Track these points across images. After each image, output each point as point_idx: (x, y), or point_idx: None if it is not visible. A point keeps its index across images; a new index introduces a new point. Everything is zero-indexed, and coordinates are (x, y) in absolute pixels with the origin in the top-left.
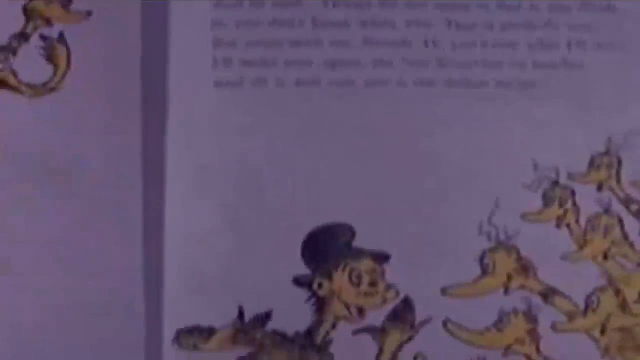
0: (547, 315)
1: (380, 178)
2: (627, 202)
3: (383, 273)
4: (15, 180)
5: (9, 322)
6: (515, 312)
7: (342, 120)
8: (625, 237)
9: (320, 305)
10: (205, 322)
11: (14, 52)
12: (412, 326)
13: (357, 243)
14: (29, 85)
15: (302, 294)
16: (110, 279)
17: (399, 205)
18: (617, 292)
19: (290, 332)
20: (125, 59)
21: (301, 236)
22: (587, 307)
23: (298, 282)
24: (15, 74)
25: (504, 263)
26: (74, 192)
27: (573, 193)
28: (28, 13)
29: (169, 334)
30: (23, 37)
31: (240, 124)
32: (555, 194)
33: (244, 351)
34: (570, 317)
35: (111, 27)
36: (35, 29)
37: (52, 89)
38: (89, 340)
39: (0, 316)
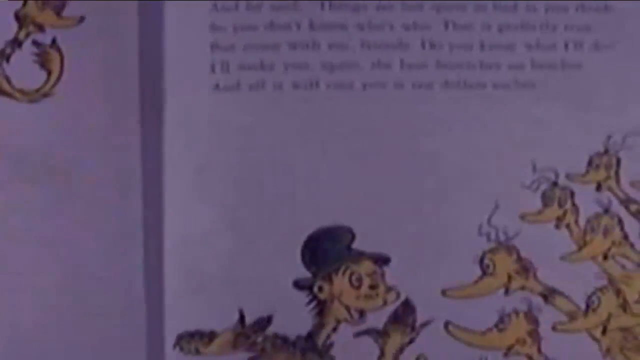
0: (547, 316)
1: (380, 179)
2: (626, 202)
3: (383, 275)
4: (15, 180)
5: (9, 322)
6: (516, 312)
7: (341, 122)
8: (625, 237)
9: (321, 308)
10: (206, 326)
11: (7, 58)
12: (413, 328)
13: (357, 245)
14: (22, 91)
15: (303, 297)
16: (111, 280)
17: (398, 206)
18: (618, 292)
19: (291, 335)
20: (122, 62)
21: (301, 239)
22: (587, 307)
23: (298, 285)
24: (8, 80)
25: (504, 264)
26: (73, 193)
27: (572, 193)
28: (20, 19)
29: (169, 338)
30: (16, 43)
31: (238, 126)
32: (554, 194)
33: (245, 355)
34: (571, 317)
35: (108, 31)
36: (28, 35)
37: (45, 95)
38: (90, 342)
39: (0, 316)
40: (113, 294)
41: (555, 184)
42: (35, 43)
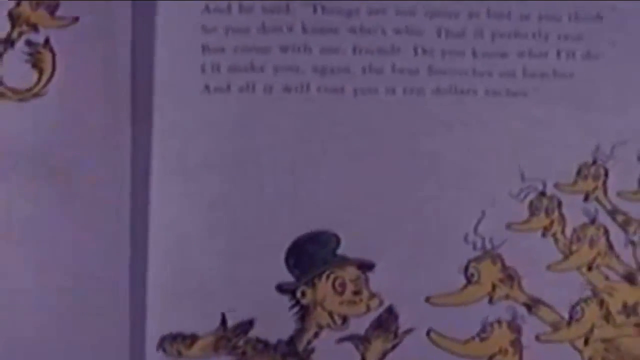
0: (531, 326)
1: (367, 185)
2: (613, 212)
3: (367, 281)
4: (12, 180)
5: (8, 322)
6: (499, 321)
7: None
8: (611, 247)
9: (303, 313)
10: (188, 329)
11: None
12: (396, 335)
13: (343, 250)
14: (14, 91)
15: (286, 301)
16: (110, 281)
17: (384, 213)
18: (601, 303)
19: (273, 339)
20: (114, 62)
21: (285, 244)
22: (571, 317)
23: (281, 289)
24: (0, 79)
25: (489, 272)
26: (73, 193)
27: (559, 203)
28: (14, 18)
29: (152, 340)
30: (8, 42)
31: (228, 128)
32: (542, 203)
33: (226, 358)
34: (554, 327)
35: (101, 32)
36: (21, 34)
37: (36, 95)
38: (89, 342)
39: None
40: (112, 294)
41: (543, 193)
42: (28, 43)
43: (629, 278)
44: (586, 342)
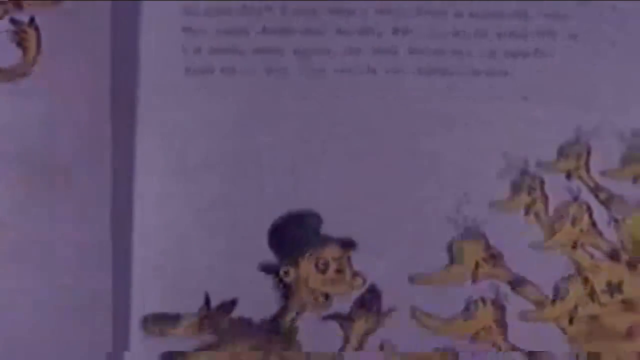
0: (515, 304)
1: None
2: (596, 190)
3: (349, 260)
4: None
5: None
6: (483, 300)
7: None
8: (594, 225)
9: (286, 292)
10: (172, 309)
11: None
12: (379, 314)
13: (326, 230)
14: None
15: (269, 280)
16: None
17: (367, 193)
18: (585, 281)
19: (256, 319)
20: (95, 44)
21: (269, 224)
22: (555, 296)
23: (265, 268)
24: None
25: (473, 251)
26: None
27: (542, 181)
28: None
29: (135, 320)
30: None
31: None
32: (524, 182)
33: (209, 337)
34: (538, 305)
35: (82, 13)
36: (6, 12)
37: (22, 74)
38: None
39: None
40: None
41: (525, 171)
42: (12, 21)
43: (613, 256)
44: (570, 321)
